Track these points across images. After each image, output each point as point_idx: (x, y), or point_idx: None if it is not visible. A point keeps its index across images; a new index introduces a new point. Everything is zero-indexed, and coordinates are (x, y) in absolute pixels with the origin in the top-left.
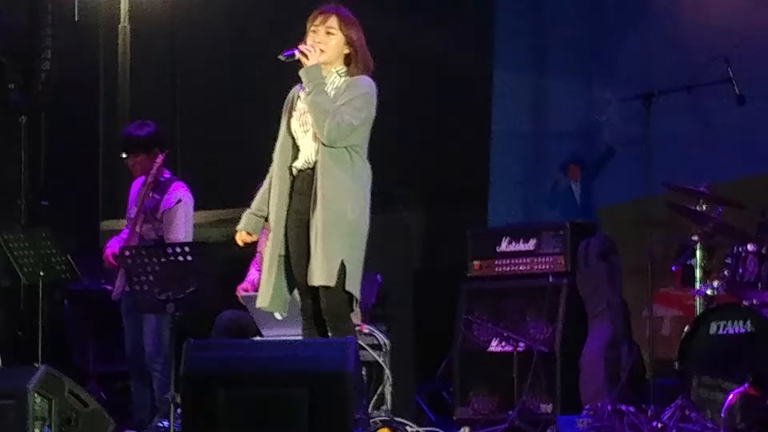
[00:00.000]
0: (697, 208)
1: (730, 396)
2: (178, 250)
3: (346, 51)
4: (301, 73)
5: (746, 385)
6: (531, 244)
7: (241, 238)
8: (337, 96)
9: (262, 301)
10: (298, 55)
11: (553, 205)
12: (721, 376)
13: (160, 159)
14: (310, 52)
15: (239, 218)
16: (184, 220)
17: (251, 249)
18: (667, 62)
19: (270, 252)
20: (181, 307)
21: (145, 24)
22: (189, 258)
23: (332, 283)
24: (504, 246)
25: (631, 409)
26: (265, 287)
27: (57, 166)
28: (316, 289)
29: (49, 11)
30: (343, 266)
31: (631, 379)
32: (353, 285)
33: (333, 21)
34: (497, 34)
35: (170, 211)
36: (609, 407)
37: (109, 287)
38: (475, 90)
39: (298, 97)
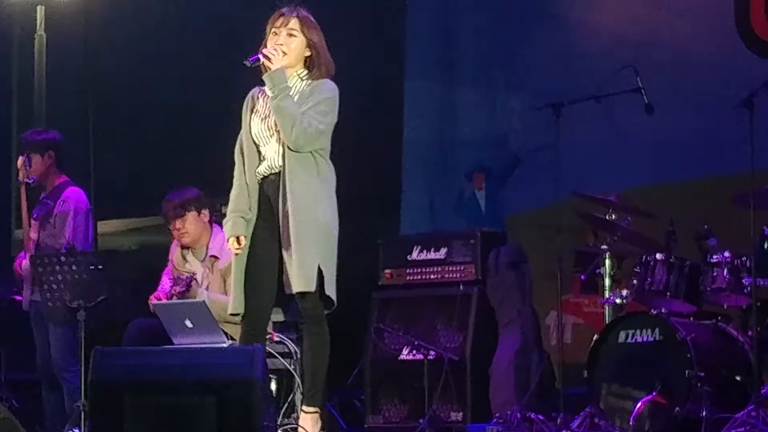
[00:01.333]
0: (607, 217)
1: (639, 404)
2: (90, 258)
3: (307, 53)
4: (265, 77)
5: (654, 393)
6: (442, 253)
7: (236, 243)
8: (301, 100)
9: (237, 307)
10: (262, 59)
11: (459, 213)
12: (629, 385)
13: (49, 160)
14: (273, 55)
15: (151, 227)
16: (75, 223)
17: (163, 258)
18: (575, 72)
19: (238, 259)
20: (92, 316)
21: (59, 32)
22: (100, 266)
23: (312, 288)
24: (415, 254)
25: (541, 417)
26: (237, 293)
27: None
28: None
29: None
30: (320, 270)
31: (540, 387)
32: (331, 288)
33: (294, 23)
34: (408, 42)
35: (62, 215)
36: (518, 415)
37: (19, 297)
38: (387, 97)
39: (257, 98)
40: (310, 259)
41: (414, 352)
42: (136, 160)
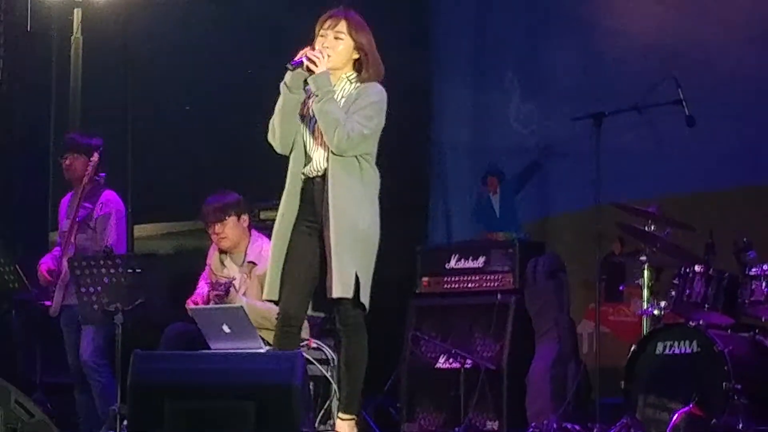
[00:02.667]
0: (646, 228)
1: (675, 416)
2: (128, 261)
3: (356, 56)
4: (310, 80)
5: (691, 404)
6: (480, 261)
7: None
8: (348, 103)
9: (269, 293)
10: (306, 63)
11: (476, 218)
12: (666, 396)
13: (94, 161)
14: (318, 58)
15: (188, 231)
16: (117, 227)
17: (201, 262)
18: (616, 81)
19: (276, 248)
20: (129, 319)
21: (98, 35)
22: (139, 269)
23: (350, 294)
24: (453, 263)
25: (577, 427)
26: (272, 279)
27: (6, 175)
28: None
29: (1, 20)
30: (357, 277)
31: (577, 397)
32: (365, 296)
33: (342, 25)
34: (438, 47)
35: (103, 218)
36: (555, 425)
37: (48, 303)
38: (416, 102)
39: (306, 100)
40: (348, 266)
41: (451, 360)
42: (174, 164)
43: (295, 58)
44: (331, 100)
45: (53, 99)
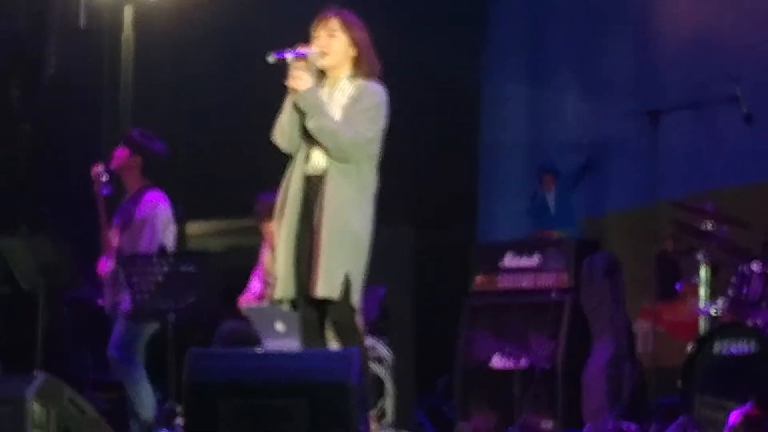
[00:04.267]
0: (703, 226)
1: (733, 416)
2: (181, 259)
3: (352, 53)
4: (297, 100)
5: (749, 405)
6: (535, 260)
7: None
8: (348, 102)
9: (286, 291)
10: (289, 57)
11: (533, 215)
12: (723, 396)
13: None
14: (300, 78)
15: (241, 228)
16: (157, 227)
17: (250, 260)
18: (671, 79)
19: (285, 252)
20: (181, 317)
21: (149, 34)
22: (191, 268)
23: (335, 295)
24: (507, 261)
25: (633, 427)
26: (285, 276)
27: (59, 173)
28: (319, 299)
29: (55, 19)
30: (347, 279)
31: (632, 396)
32: (355, 298)
33: (334, 23)
34: (488, 44)
35: (142, 221)
36: (611, 425)
37: (101, 302)
38: (464, 99)
39: None
40: (337, 267)
41: (505, 359)
42: (227, 161)
43: (282, 51)
44: (322, 113)
45: (105, 97)
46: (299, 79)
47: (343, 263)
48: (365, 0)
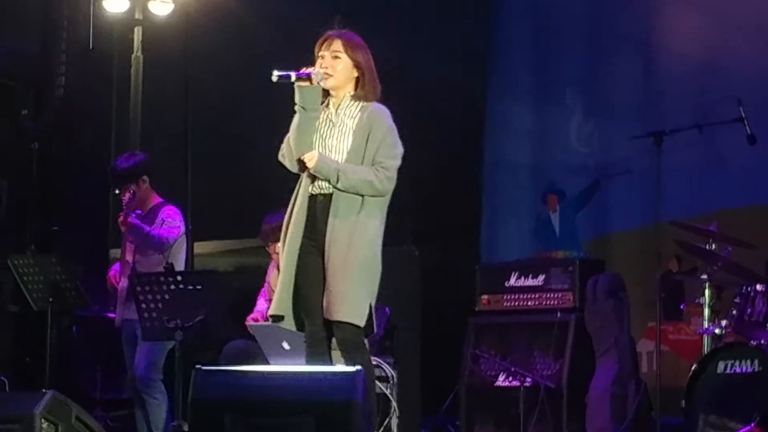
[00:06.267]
0: (707, 246)
1: None
2: (189, 278)
3: (356, 74)
4: (315, 169)
5: (752, 425)
6: (540, 280)
7: None
8: (358, 129)
9: (276, 309)
10: (293, 77)
11: (537, 236)
12: (727, 416)
13: (146, 190)
14: (310, 159)
15: (248, 248)
16: (169, 244)
17: (259, 280)
18: (675, 100)
19: (287, 271)
20: (189, 336)
21: (158, 54)
22: (199, 286)
23: (344, 318)
24: (513, 281)
25: None
26: (284, 295)
27: (68, 192)
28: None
29: (64, 38)
30: (355, 301)
31: (637, 416)
32: (361, 318)
33: (338, 44)
34: (497, 67)
35: (157, 237)
36: None
37: (112, 315)
38: (468, 118)
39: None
40: (345, 290)
41: (510, 378)
42: (234, 182)
43: (287, 71)
44: (347, 171)
45: (114, 117)
46: (307, 160)
47: (350, 286)
48: (370, 20)
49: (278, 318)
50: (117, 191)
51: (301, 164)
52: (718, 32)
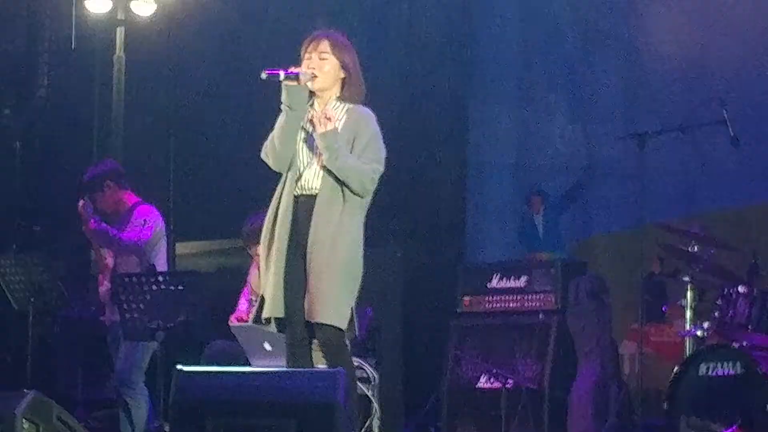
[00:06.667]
0: (689, 248)
1: None
2: (170, 278)
3: (342, 75)
4: (318, 138)
5: (734, 427)
6: (522, 281)
7: None
8: (344, 131)
9: (273, 310)
10: (282, 76)
11: (521, 238)
12: (709, 418)
13: (116, 193)
14: (322, 121)
15: (229, 249)
16: (147, 244)
17: (241, 280)
18: (659, 102)
19: (277, 272)
20: (170, 336)
21: (141, 54)
22: (180, 287)
23: (344, 326)
24: (495, 282)
25: None
26: (276, 294)
27: (50, 191)
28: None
29: (47, 38)
30: (336, 302)
31: (619, 418)
32: (342, 320)
33: (325, 45)
34: (480, 68)
35: (134, 239)
36: None
37: (103, 317)
38: (452, 121)
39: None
40: (327, 291)
41: (492, 380)
42: (216, 183)
43: (275, 69)
44: (345, 154)
45: (96, 116)
46: (327, 122)
47: (331, 288)
48: (356, 21)
49: (279, 320)
50: (81, 202)
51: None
52: (702, 34)
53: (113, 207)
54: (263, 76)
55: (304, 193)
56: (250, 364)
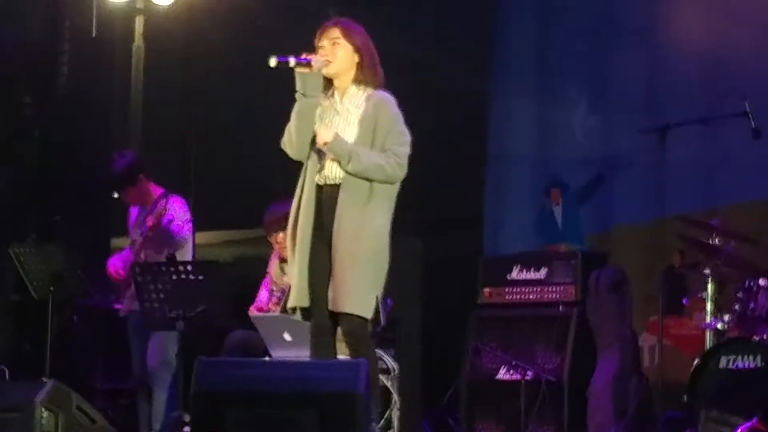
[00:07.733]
0: (710, 241)
1: (738, 431)
2: (190, 268)
3: (357, 59)
4: (328, 150)
5: (755, 420)
6: (542, 273)
7: None
8: (364, 118)
9: (299, 300)
10: (292, 62)
11: (540, 229)
12: (729, 411)
13: (146, 185)
14: (326, 134)
15: (248, 239)
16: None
17: (260, 270)
18: (680, 94)
19: (301, 261)
20: (190, 326)
21: (160, 43)
22: (200, 277)
23: (370, 315)
24: (515, 274)
25: None
26: (301, 285)
27: (69, 181)
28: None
29: (67, 27)
30: (362, 293)
31: (638, 411)
32: (368, 311)
33: (335, 31)
34: (501, 60)
35: (161, 229)
36: None
37: (118, 306)
38: (471, 112)
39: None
40: (351, 281)
41: (511, 372)
42: (236, 172)
43: (285, 56)
44: (357, 155)
45: (115, 106)
46: (323, 132)
47: (357, 278)
48: (374, 14)
49: (304, 309)
50: (116, 195)
51: (313, 145)
52: (723, 26)
53: (141, 200)
54: (272, 62)
55: (327, 182)
56: (269, 355)
